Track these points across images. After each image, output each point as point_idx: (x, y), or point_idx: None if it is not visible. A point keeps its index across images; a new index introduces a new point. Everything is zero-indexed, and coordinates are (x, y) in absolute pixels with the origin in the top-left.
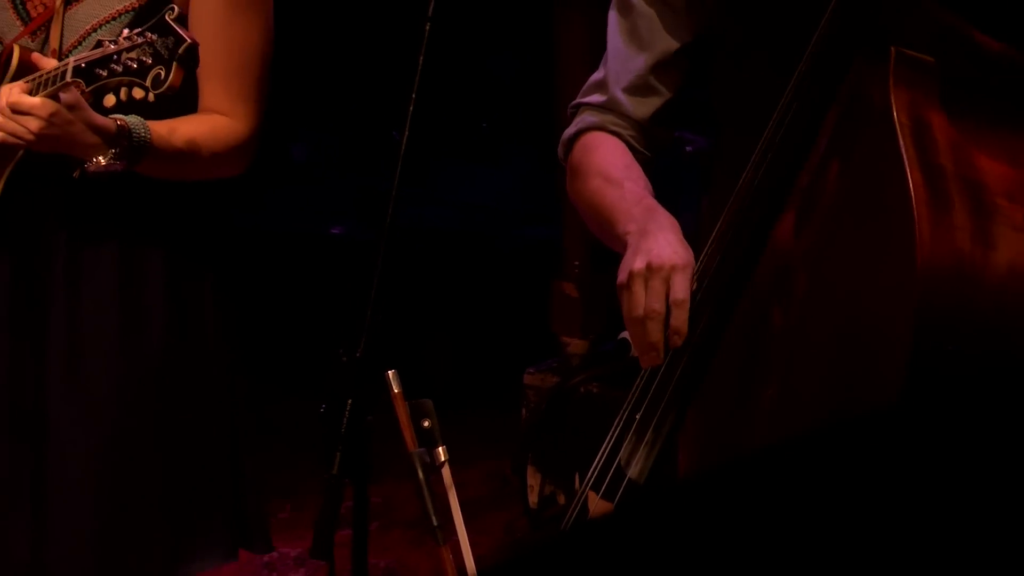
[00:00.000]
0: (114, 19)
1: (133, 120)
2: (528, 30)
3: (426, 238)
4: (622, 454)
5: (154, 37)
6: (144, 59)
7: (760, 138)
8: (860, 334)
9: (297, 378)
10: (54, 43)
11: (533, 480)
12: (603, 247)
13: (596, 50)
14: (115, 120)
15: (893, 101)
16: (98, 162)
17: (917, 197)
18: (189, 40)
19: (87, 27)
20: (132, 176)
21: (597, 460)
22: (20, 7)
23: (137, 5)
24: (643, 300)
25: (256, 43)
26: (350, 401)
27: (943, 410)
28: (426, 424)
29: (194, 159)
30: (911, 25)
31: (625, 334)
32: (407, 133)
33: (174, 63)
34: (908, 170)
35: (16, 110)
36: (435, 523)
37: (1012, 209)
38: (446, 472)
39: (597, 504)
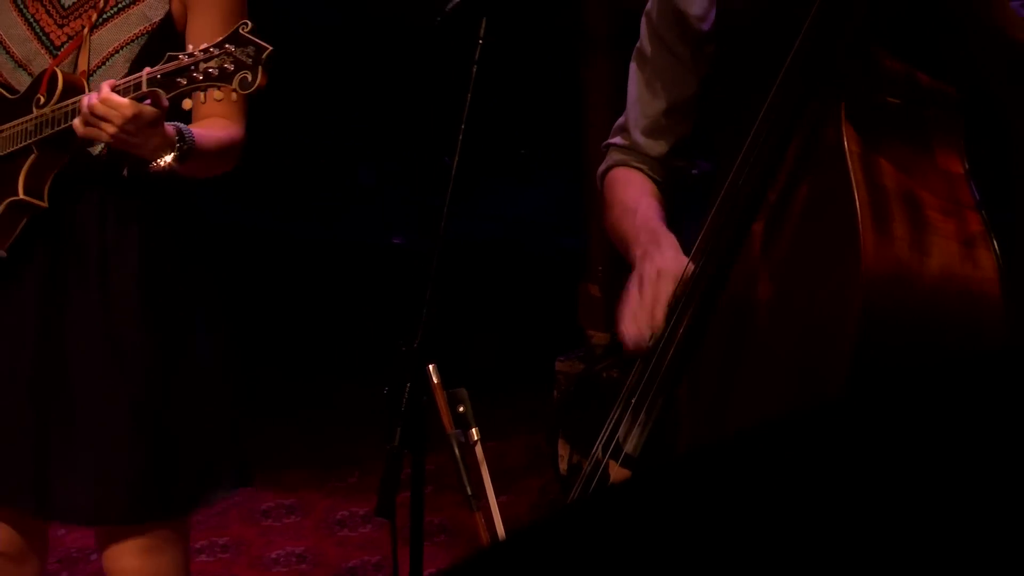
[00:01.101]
0: (131, 42)
1: (181, 125)
2: (560, 72)
3: (473, 247)
4: (620, 431)
5: (232, 48)
6: (226, 66)
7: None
8: (814, 332)
9: (364, 366)
10: (82, 65)
11: (563, 451)
12: (623, 255)
13: (617, 88)
14: (174, 125)
15: (844, 134)
16: (160, 162)
17: (862, 213)
18: (269, 48)
19: (109, 49)
20: (149, 176)
21: (602, 436)
22: (44, 38)
23: (149, 29)
24: (632, 301)
25: None
26: (408, 385)
27: (883, 401)
28: (461, 409)
29: (215, 158)
30: (863, 69)
31: None
32: (457, 158)
33: (259, 67)
34: (855, 191)
35: (108, 105)
36: (469, 492)
37: (945, 222)
38: (478, 449)
39: (617, 471)
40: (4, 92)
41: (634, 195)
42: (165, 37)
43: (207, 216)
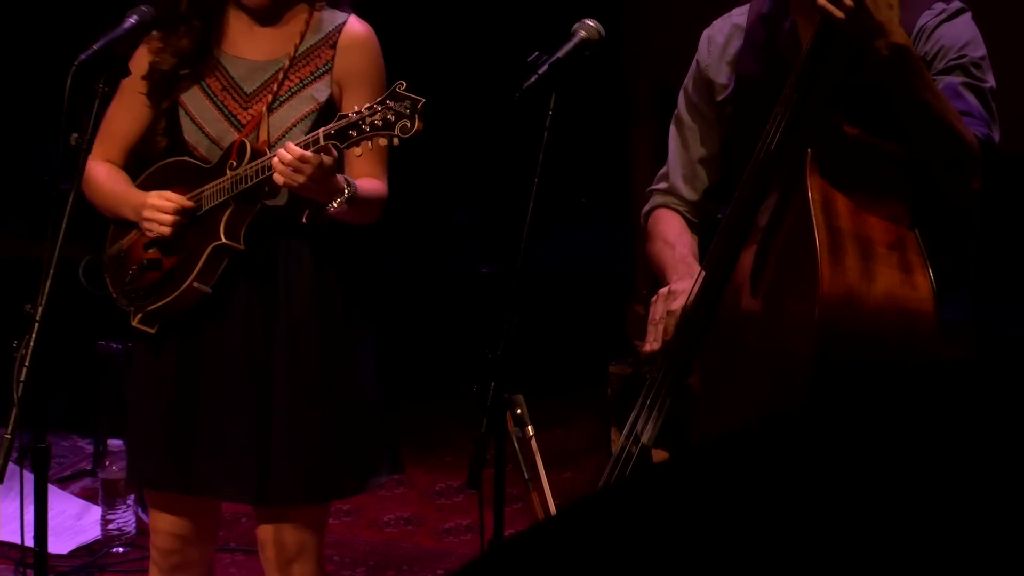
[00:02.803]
0: (303, 119)
1: (347, 176)
2: (612, 136)
3: (544, 275)
4: (639, 424)
5: (392, 103)
6: (388, 118)
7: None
8: (786, 341)
9: (459, 368)
10: (263, 137)
11: (615, 436)
12: (660, 279)
13: (657, 148)
14: (342, 175)
15: (809, 184)
16: (334, 203)
17: (821, 250)
18: (423, 100)
19: (287, 125)
20: (322, 222)
21: (628, 426)
22: (232, 119)
23: (317, 108)
24: (654, 313)
25: None
26: (492, 384)
27: (839, 407)
28: (518, 411)
29: (369, 207)
30: (827, 133)
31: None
32: (532, 204)
33: (416, 116)
34: (816, 232)
35: (301, 159)
36: (526, 476)
37: (889, 255)
38: (533, 443)
39: (657, 454)
40: (199, 163)
41: (673, 232)
42: (329, 113)
43: (353, 248)
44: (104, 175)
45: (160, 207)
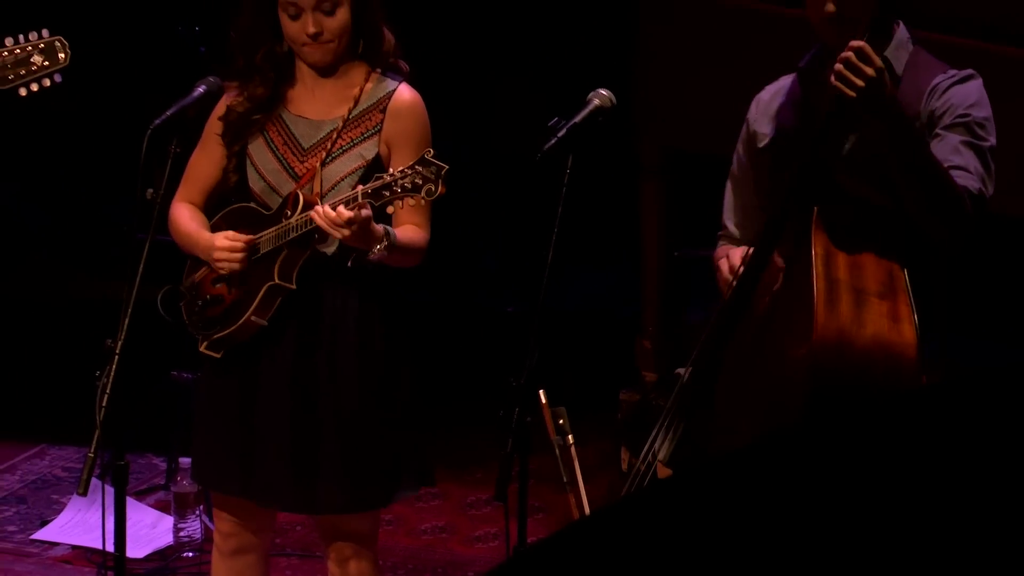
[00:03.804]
0: (352, 174)
1: (387, 226)
2: (622, 191)
3: (562, 313)
4: (657, 443)
5: (420, 168)
6: (417, 181)
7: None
8: (786, 375)
9: (488, 395)
10: (316, 188)
11: (624, 455)
12: (668, 320)
13: (663, 201)
14: (382, 226)
15: (813, 239)
16: (375, 250)
17: (818, 298)
18: (447, 167)
19: (337, 179)
20: (365, 266)
21: (648, 445)
22: (289, 170)
23: (365, 165)
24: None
25: None
26: (517, 408)
27: (830, 429)
28: (560, 421)
29: (409, 253)
30: (831, 192)
31: (679, 370)
32: (552, 251)
33: (440, 181)
34: (815, 281)
35: (342, 215)
36: (565, 479)
37: (880, 303)
38: (573, 450)
39: (662, 470)
40: (261, 209)
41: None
42: (375, 169)
43: (394, 289)
44: (183, 217)
45: (229, 248)
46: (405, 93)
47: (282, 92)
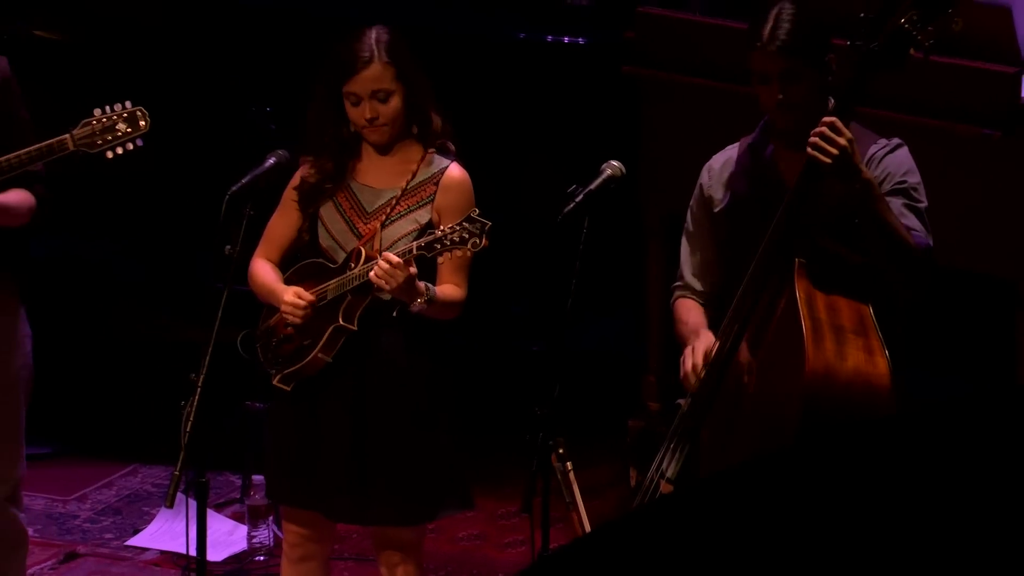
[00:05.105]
0: (407, 235)
1: (429, 284)
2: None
3: (579, 353)
4: (664, 462)
5: (467, 224)
6: (464, 236)
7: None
8: (779, 406)
9: (516, 423)
10: (376, 246)
11: (632, 473)
12: (669, 358)
13: (665, 260)
14: (424, 283)
15: (796, 286)
16: (417, 303)
17: (807, 335)
18: (490, 223)
19: (395, 238)
20: (411, 313)
21: (655, 464)
22: (353, 229)
23: (419, 228)
24: (684, 366)
25: None
26: (541, 434)
27: (820, 450)
28: (560, 451)
29: (446, 308)
30: (808, 245)
31: (679, 401)
32: (571, 300)
33: (483, 235)
34: (803, 321)
35: (394, 267)
36: (567, 500)
37: (856, 339)
38: (572, 475)
39: (664, 486)
40: (328, 263)
41: (689, 314)
42: (429, 229)
43: (434, 333)
44: (262, 272)
45: (294, 304)
46: (455, 171)
47: (349, 165)
